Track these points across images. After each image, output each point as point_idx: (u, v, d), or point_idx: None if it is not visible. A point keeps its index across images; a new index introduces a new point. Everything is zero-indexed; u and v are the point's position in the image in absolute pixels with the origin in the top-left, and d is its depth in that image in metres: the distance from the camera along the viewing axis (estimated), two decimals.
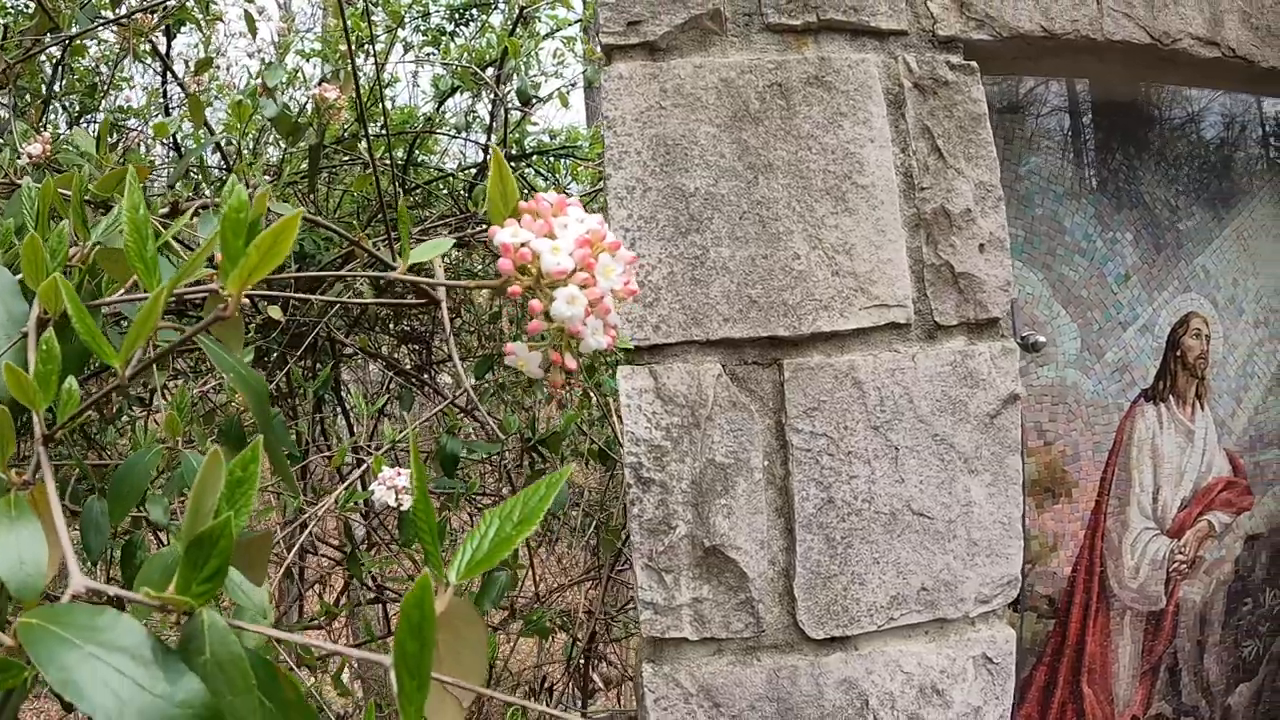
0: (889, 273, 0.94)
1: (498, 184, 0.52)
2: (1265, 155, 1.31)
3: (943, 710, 1.01)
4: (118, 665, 0.35)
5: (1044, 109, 1.19)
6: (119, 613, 0.37)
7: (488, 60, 1.64)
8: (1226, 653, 1.33)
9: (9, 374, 0.38)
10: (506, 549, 0.40)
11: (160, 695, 0.35)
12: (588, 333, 0.48)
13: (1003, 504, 0.99)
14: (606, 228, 0.51)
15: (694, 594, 0.93)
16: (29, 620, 0.36)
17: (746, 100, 0.97)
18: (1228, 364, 1.26)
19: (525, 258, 0.46)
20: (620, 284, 0.49)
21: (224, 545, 0.34)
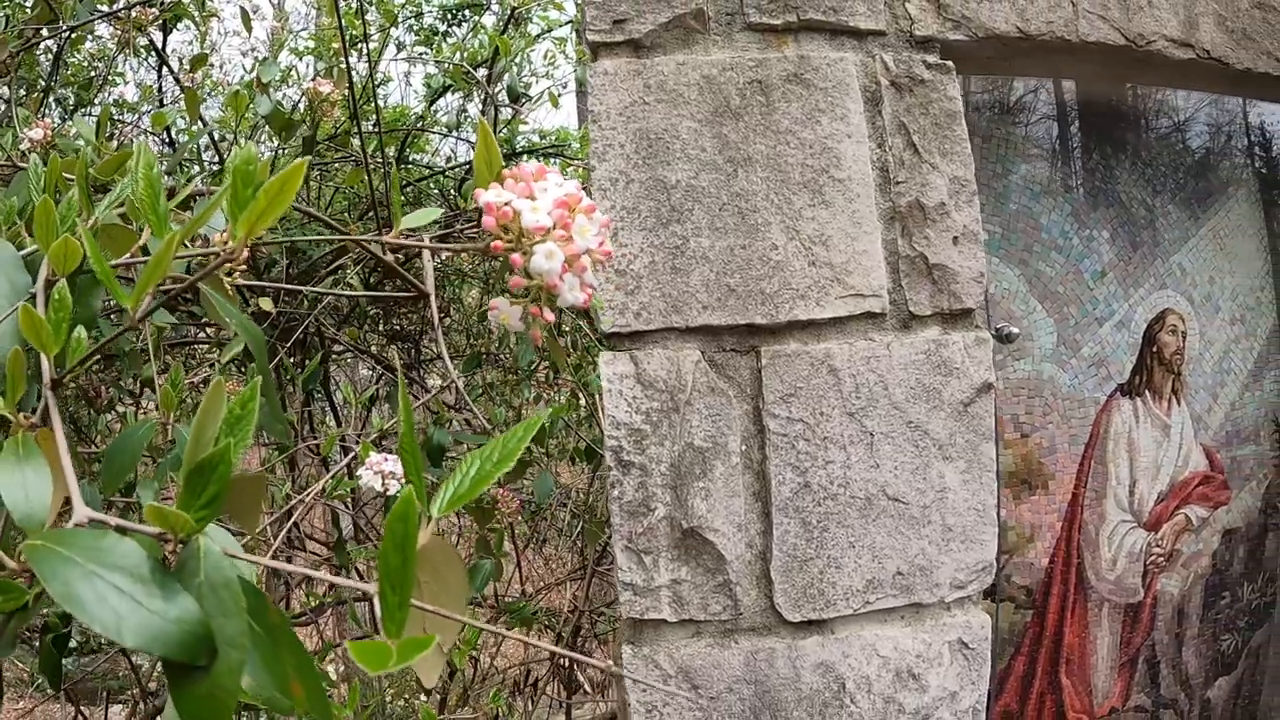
0: (865, 263, 0.99)
1: (483, 152, 0.57)
2: (1242, 157, 1.37)
3: (919, 694, 1.05)
4: (117, 583, 0.39)
5: (1023, 110, 1.24)
6: (120, 536, 0.41)
7: (480, 60, 1.70)
8: (1205, 646, 1.37)
9: (24, 316, 0.42)
10: (486, 484, 0.44)
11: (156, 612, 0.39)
12: (564, 288, 0.53)
13: (977, 491, 1.03)
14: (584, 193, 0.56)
15: (672, 575, 0.97)
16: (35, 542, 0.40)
17: (727, 96, 1.02)
18: (1204, 360, 1.31)
19: (506, 216, 0.51)
20: (595, 244, 0.54)
21: (223, 471, 0.39)
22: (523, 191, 0.55)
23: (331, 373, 1.83)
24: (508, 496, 1.22)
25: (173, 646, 0.38)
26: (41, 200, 0.49)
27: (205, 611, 0.40)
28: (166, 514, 0.38)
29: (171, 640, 0.38)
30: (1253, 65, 1.31)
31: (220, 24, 2.20)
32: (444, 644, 0.52)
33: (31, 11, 1.10)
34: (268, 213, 0.42)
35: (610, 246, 0.57)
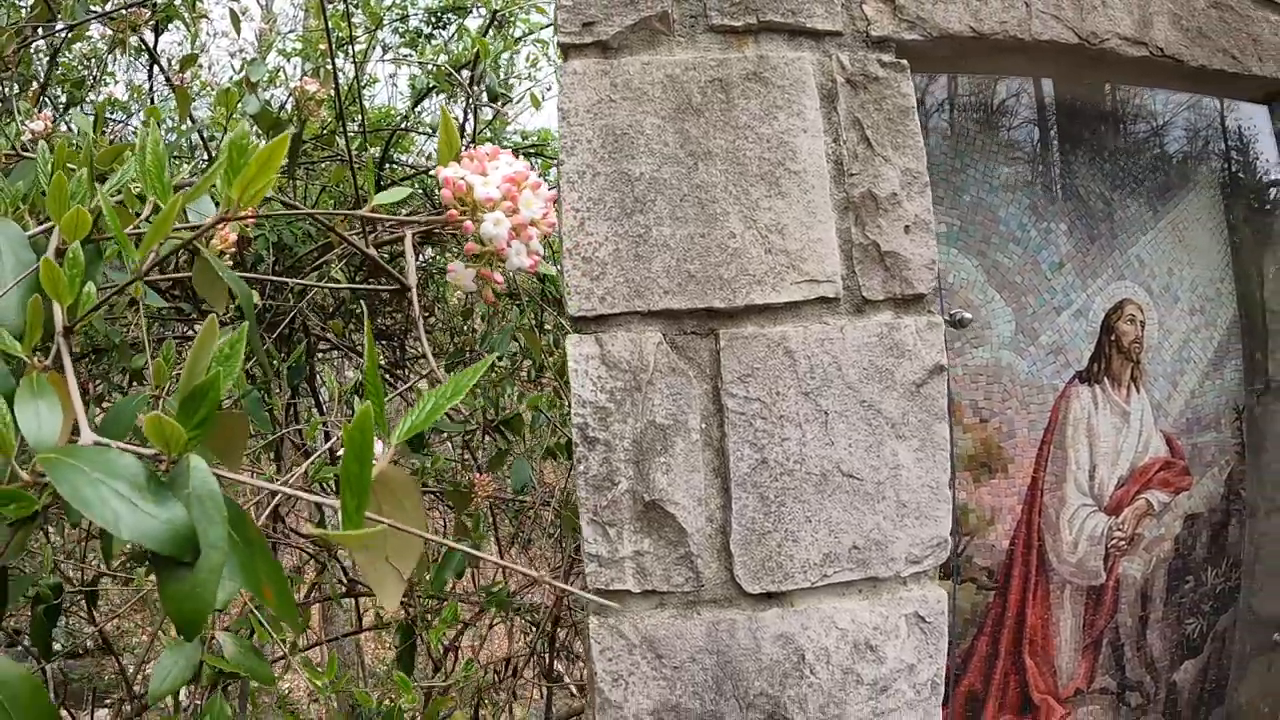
0: (819, 251, 1.09)
1: (444, 136, 0.68)
2: (1203, 153, 1.47)
3: (876, 666, 1.13)
4: (118, 489, 0.48)
5: (981, 107, 1.34)
6: (121, 452, 0.50)
7: (463, 62, 1.80)
8: (1169, 629, 1.45)
9: (45, 267, 0.52)
10: (438, 414, 0.53)
11: (149, 514, 0.48)
12: (512, 253, 0.63)
13: (930, 469, 1.12)
14: (532, 172, 0.67)
15: (635, 547, 1.06)
16: (49, 455, 0.49)
17: (689, 94, 1.12)
18: (1163, 349, 1.40)
19: (461, 189, 0.61)
20: (540, 214, 0.64)
21: (213, 396, 0.48)
22: (477, 169, 0.66)
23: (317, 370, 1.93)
24: (484, 480, 1.31)
25: (163, 543, 0.47)
26: (56, 176, 0.59)
27: (192, 517, 0.49)
28: (164, 425, 0.47)
29: (162, 538, 0.47)
30: (1208, 63, 1.41)
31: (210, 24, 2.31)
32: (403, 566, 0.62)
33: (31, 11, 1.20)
34: (257, 178, 0.51)
35: (554, 218, 0.67)
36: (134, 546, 1.63)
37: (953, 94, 1.31)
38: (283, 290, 1.68)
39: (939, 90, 1.32)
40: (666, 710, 1.10)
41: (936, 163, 1.27)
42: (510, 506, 2.34)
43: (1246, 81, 1.45)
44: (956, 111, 1.31)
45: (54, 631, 2.91)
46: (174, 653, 1.14)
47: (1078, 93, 1.40)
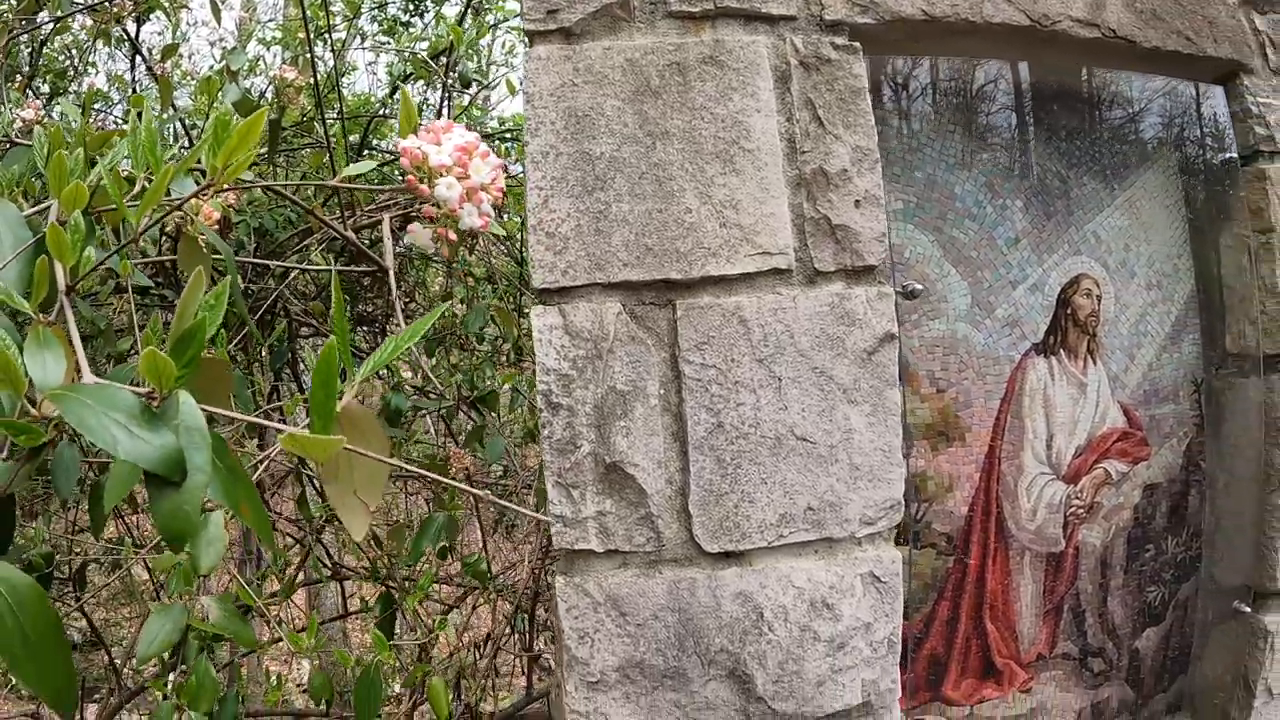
0: (772, 225, 1.19)
1: (404, 111, 0.79)
2: (1160, 132, 1.57)
3: (833, 623, 1.23)
4: (117, 419, 0.59)
5: (938, 88, 1.44)
6: (119, 388, 0.61)
7: (440, 49, 1.91)
8: (1130, 597, 1.55)
9: (51, 231, 0.62)
10: (399, 352, 0.64)
11: (144, 439, 0.59)
12: (464, 214, 0.74)
13: (882, 433, 1.22)
14: (482, 143, 0.77)
15: (598, 507, 1.16)
16: (57, 391, 0.60)
17: (648, 77, 1.22)
18: (1120, 322, 1.50)
19: (418, 157, 0.72)
20: (489, 180, 0.75)
21: (200, 338, 0.58)
22: (432, 140, 0.77)
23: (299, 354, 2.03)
24: (460, 454, 1.41)
25: (155, 464, 0.57)
26: (56, 155, 0.69)
27: (180, 444, 0.59)
28: (157, 360, 0.57)
29: (155, 460, 0.57)
30: (1162, 44, 1.51)
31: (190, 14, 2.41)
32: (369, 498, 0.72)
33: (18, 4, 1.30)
34: (239, 148, 0.61)
35: (503, 184, 0.78)
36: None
37: (909, 76, 1.41)
38: (264, 276, 1.78)
39: (896, 72, 1.42)
40: (631, 667, 1.20)
41: (892, 142, 1.37)
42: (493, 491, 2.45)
43: (1202, 63, 1.55)
44: (912, 92, 1.41)
45: None
46: (161, 616, 1.25)
47: (1034, 74, 1.50)
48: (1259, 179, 1.53)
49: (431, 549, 1.42)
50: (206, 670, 1.24)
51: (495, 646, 1.72)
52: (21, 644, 0.57)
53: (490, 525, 2.39)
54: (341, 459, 0.65)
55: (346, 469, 0.67)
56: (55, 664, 0.58)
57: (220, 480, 0.62)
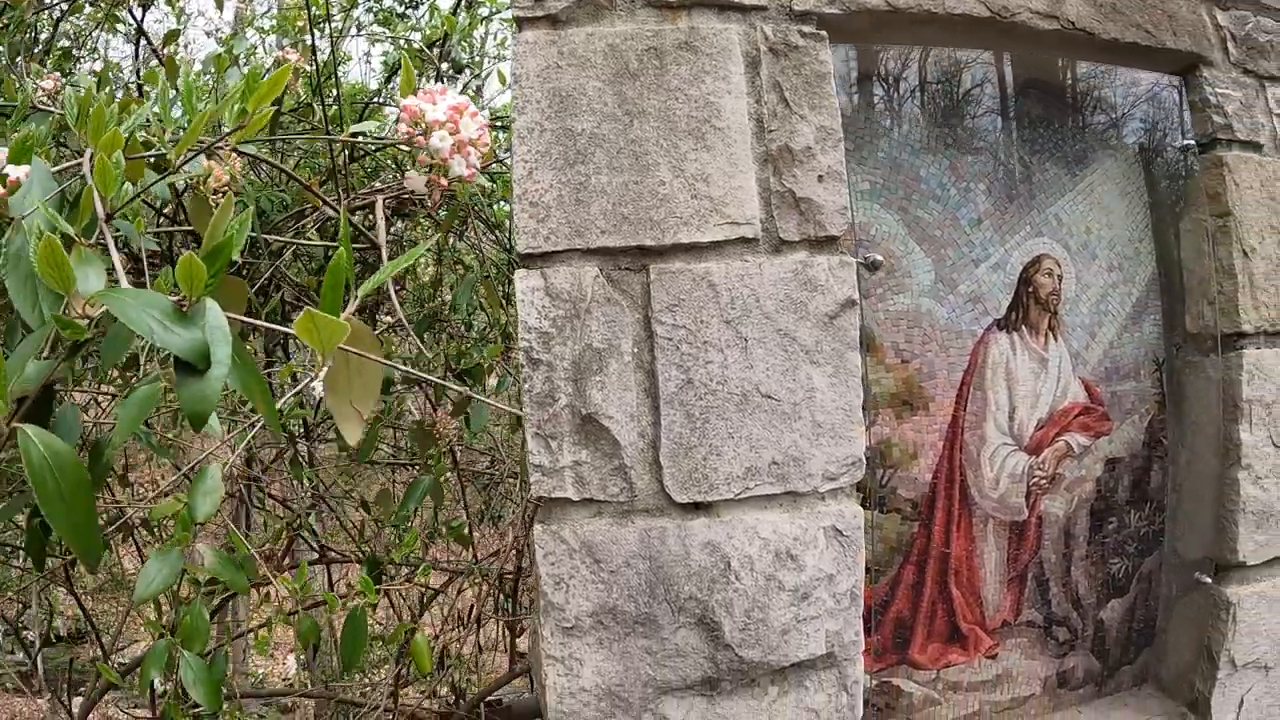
0: (740, 197, 1.36)
1: (405, 76, 0.96)
2: (1122, 119, 1.74)
3: (796, 573, 1.38)
4: (154, 315, 0.75)
5: (904, 76, 1.61)
6: (156, 292, 0.77)
7: (434, 40, 2.09)
8: (1094, 568, 1.70)
9: (98, 162, 0.79)
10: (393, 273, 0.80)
11: (177, 333, 0.75)
12: (454, 164, 0.90)
13: (843, 393, 1.38)
14: (471, 104, 0.95)
15: (574, 457, 1.31)
16: (104, 292, 0.76)
17: (627, 61, 1.39)
18: (1081, 302, 1.66)
19: (416, 113, 0.89)
20: (476, 135, 0.92)
21: (227, 252, 0.75)
22: (429, 100, 0.94)
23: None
24: (445, 419, 1.57)
25: (185, 353, 0.73)
26: (96, 106, 0.86)
27: (206, 339, 0.75)
28: (193, 267, 0.73)
29: (185, 349, 0.74)
30: (1120, 36, 1.69)
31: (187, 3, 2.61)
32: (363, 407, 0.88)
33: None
34: (268, 95, 0.78)
35: (488, 140, 0.95)
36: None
37: (876, 64, 1.58)
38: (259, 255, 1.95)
39: (864, 61, 1.59)
40: (604, 612, 1.35)
41: (858, 127, 1.54)
42: (479, 479, 2.60)
43: (1161, 54, 1.72)
44: (878, 79, 1.58)
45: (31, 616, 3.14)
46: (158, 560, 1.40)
47: (999, 64, 1.67)
48: (1217, 166, 1.70)
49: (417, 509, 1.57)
50: (200, 613, 1.39)
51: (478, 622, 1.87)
52: (59, 500, 0.72)
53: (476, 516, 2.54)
54: (340, 366, 0.81)
55: (344, 378, 0.83)
56: (85, 520, 0.74)
57: (238, 372, 0.78)
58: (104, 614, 2.95)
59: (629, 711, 1.38)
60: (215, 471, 1.30)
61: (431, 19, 2.18)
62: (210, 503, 1.29)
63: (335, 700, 2.19)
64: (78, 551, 0.74)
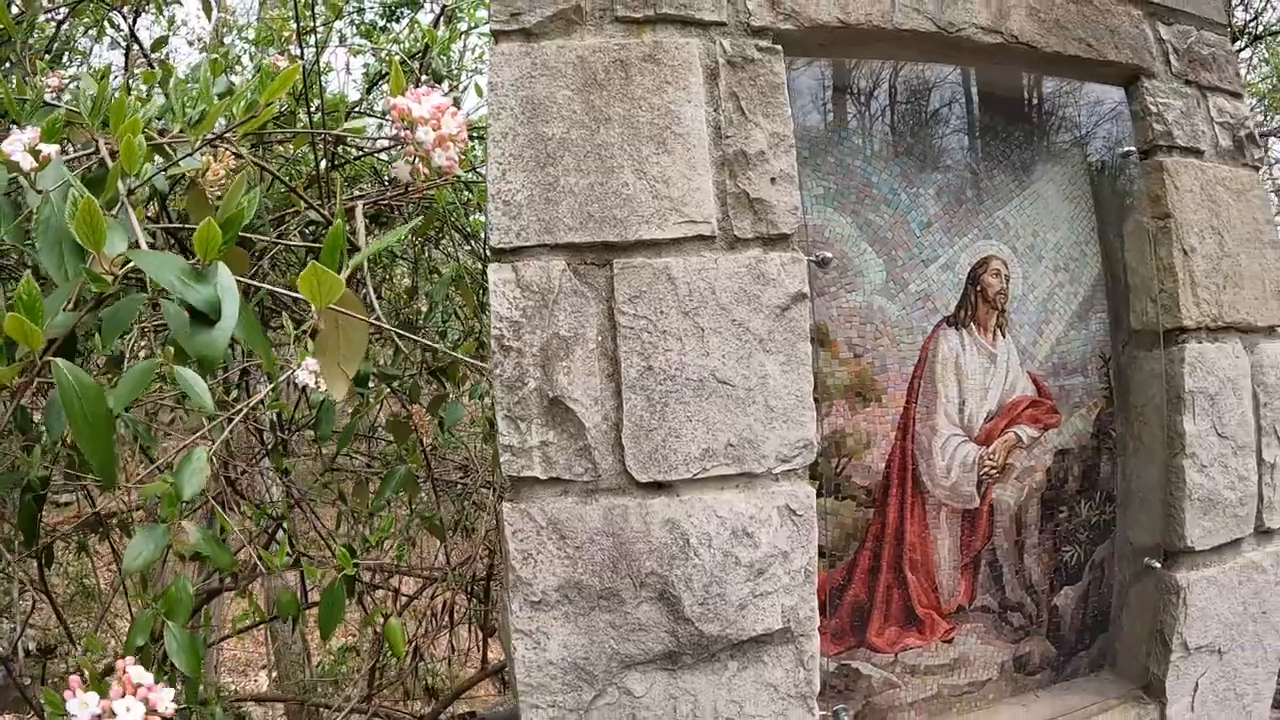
0: (698, 198, 1.56)
1: (395, 79, 1.17)
2: (1068, 130, 1.96)
3: (752, 550, 1.57)
4: (175, 274, 0.94)
5: (859, 89, 1.83)
6: (175, 255, 0.97)
7: (414, 52, 2.31)
8: (1046, 555, 1.90)
9: (125, 144, 0.99)
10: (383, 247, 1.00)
11: (194, 289, 0.95)
12: (436, 155, 1.11)
13: (795, 380, 1.58)
14: (451, 104, 1.16)
15: (542, 438, 1.51)
16: (134, 252, 0.96)
17: (595, 72, 1.60)
18: (1028, 301, 1.87)
19: (405, 111, 1.10)
20: (456, 131, 1.13)
21: (238, 221, 0.95)
22: (415, 99, 1.15)
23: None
24: (421, 411, 1.76)
25: (201, 304, 0.93)
26: (118, 96, 1.06)
27: (218, 296, 0.95)
28: (210, 230, 0.93)
29: (200, 302, 0.93)
30: (1063, 49, 1.91)
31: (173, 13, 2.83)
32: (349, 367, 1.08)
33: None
34: (278, 88, 0.98)
35: (466, 136, 1.16)
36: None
37: (831, 77, 1.81)
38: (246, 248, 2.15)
39: (821, 74, 1.81)
40: (570, 587, 1.53)
41: (814, 135, 1.76)
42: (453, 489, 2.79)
43: (1103, 67, 1.95)
44: (834, 91, 1.80)
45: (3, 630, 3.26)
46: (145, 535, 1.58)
47: (947, 74, 1.90)
48: (1157, 170, 1.92)
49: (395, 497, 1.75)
50: (184, 585, 1.56)
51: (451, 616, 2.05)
52: (84, 424, 0.91)
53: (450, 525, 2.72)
54: (329, 327, 1.01)
55: (333, 338, 1.03)
56: (104, 443, 0.93)
57: (243, 324, 0.98)
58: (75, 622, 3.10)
59: (594, 684, 1.56)
60: (202, 454, 1.49)
61: (412, 32, 2.40)
62: (196, 482, 1.47)
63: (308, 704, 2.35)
64: (97, 465, 0.93)
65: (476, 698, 3.30)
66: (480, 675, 2.20)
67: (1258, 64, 5.60)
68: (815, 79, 1.75)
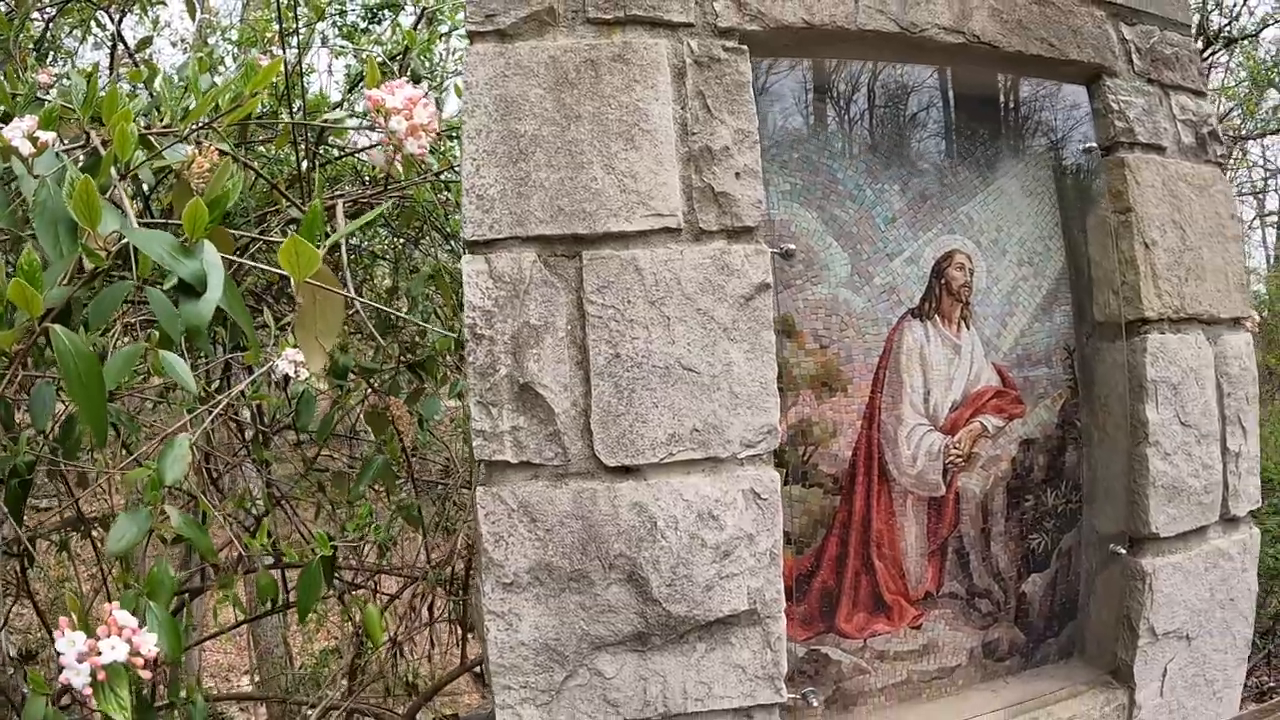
0: (664, 192, 1.68)
1: (370, 74, 1.30)
2: (1031, 128, 2.08)
3: (718, 532, 1.68)
4: (163, 249, 1.06)
5: (827, 88, 1.96)
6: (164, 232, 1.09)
7: (395, 53, 2.44)
8: (1013, 543, 2.00)
9: (118, 132, 1.10)
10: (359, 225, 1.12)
11: (183, 263, 1.06)
12: (408, 144, 1.23)
13: (759, 367, 1.69)
14: (422, 95, 1.28)
15: (513, 423, 1.62)
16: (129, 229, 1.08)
17: (566, 71, 1.72)
18: (992, 294, 1.99)
19: (379, 101, 1.22)
20: (426, 121, 1.25)
21: (224, 202, 1.06)
22: (389, 91, 1.27)
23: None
24: (398, 403, 1.87)
25: (189, 277, 1.05)
26: (111, 89, 1.18)
27: (205, 270, 1.07)
28: (198, 209, 1.04)
29: (189, 274, 1.05)
30: (1025, 49, 2.04)
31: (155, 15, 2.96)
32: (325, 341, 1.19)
33: None
34: (262, 80, 1.10)
35: (437, 125, 1.28)
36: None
37: (798, 77, 1.93)
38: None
39: (788, 74, 1.93)
40: (541, 569, 1.64)
41: (782, 132, 1.88)
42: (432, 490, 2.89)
43: (1065, 66, 2.08)
44: (805, 92, 1.92)
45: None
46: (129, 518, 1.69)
47: (913, 74, 2.02)
48: (1119, 166, 2.05)
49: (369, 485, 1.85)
50: (166, 567, 1.67)
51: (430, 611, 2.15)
52: (80, 385, 1.02)
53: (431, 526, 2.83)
54: (307, 302, 1.13)
55: (311, 313, 1.14)
56: (97, 403, 1.04)
57: (227, 295, 1.09)
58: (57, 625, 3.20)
59: (565, 665, 1.67)
60: (184, 441, 1.60)
61: (394, 34, 2.52)
62: (179, 468, 1.58)
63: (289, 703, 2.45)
64: (90, 422, 1.04)
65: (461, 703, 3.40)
66: (460, 670, 2.30)
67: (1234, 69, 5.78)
68: (795, 81, 1.87)
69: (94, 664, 0.93)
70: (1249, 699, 4.26)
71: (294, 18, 2.18)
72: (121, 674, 0.95)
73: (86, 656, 0.92)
